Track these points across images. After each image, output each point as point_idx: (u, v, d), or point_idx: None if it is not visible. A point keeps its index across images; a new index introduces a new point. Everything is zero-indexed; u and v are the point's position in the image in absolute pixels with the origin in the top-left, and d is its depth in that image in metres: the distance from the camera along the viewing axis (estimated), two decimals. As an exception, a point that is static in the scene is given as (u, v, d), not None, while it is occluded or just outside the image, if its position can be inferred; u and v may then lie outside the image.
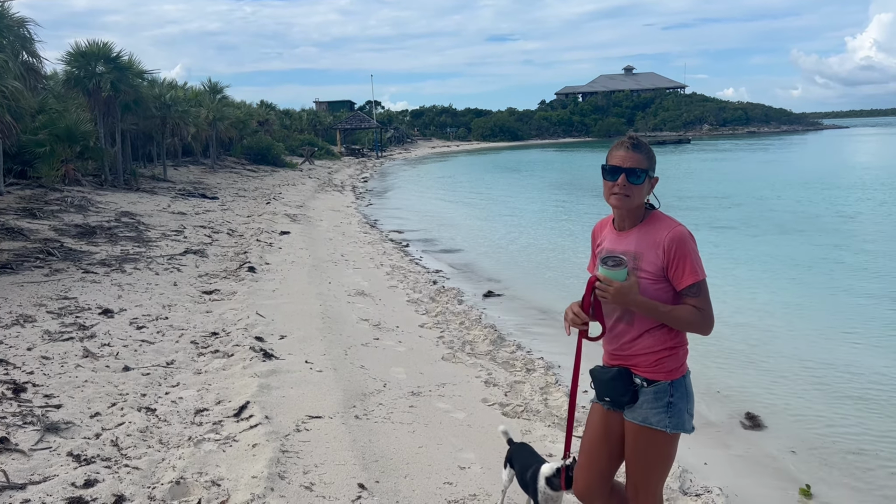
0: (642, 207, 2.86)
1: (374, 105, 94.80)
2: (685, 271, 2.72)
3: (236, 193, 24.50)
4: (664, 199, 3.05)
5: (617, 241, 2.87)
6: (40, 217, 12.99)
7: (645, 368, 2.82)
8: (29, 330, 6.80)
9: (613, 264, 2.73)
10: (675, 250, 2.73)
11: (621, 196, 2.78)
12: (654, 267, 2.76)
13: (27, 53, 15.50)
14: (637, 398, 2.83)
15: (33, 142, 16.80)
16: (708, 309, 2.76)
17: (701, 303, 2.74)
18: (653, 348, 2.80)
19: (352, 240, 15.70)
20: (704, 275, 2.76)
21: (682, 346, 2.85)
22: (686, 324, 2.76)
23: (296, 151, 48.96)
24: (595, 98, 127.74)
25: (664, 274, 2.75)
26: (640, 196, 2.81)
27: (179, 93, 28.45)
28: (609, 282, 2.72)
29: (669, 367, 2.82)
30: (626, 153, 2.80)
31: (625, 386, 2.84)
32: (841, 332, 8.54)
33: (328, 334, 7.42)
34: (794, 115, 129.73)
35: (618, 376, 2.85)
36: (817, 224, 17.47)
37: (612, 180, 2.80)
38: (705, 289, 2.77)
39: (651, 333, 2.80)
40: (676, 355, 2.83)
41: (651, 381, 2.82)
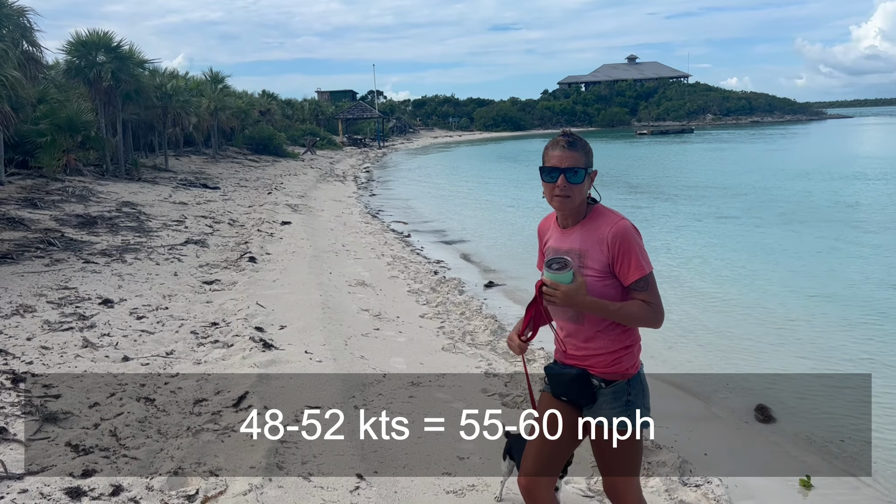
0: (584, 204, 2.81)
1: (376, 95, 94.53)
2: (631, 266, 2.68)
3: (238, 183, 24.47)
4: (668, 188, 3.03)
5: (562, 240, 2.83)
6: (41, 207, 12.98)
7: (602, 369, 2.79)
8: (29, 320, 6.80)
9: (558, 267, 2.67)
10: (619, 245, 2.68)
11: (563, 198, 2.72)
12: (599, 264, 2.71)
13: (27, 43, 15.47)
14: (595, 399, 2.81)
15: (34, 132, 16.79)
16: (657, 302, 2.73)
17: (649, 296, 2.71)
18: (609, 348, 2.77)
19: (353, 230, 15.68)
20: (651, 268, 2.72)
21: (637, 343, 2.84)
22: (636, 319, 2.73)
23: (297, 141, 48.89)
24: (598, 87, 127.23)
25: (610, 270, 2.71)
26: (582, 194, 2.75)
27: (181, 82, 28.35)
28: (555, 285, 2.67)
29: (626, 366, 2.80)
30: (562, 153, 2.73)
31: (583, 388, 2.81)
32: (846, 322, 8.51)
33: (328, 324, 7.40)
34: (798, 105, 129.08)
35: (577, 379, 2.82)
36: (820, 214, 17.40)
37: (551, 181, 2.73)
38: (653, 282, 2.74)
39: (604, 332, 2.77)
40: (632, 353, 2.82)
41: (609, 382, 2.79)
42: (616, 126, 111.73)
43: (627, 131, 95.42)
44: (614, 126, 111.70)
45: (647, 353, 7.44)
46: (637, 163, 39.81)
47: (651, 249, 8.99)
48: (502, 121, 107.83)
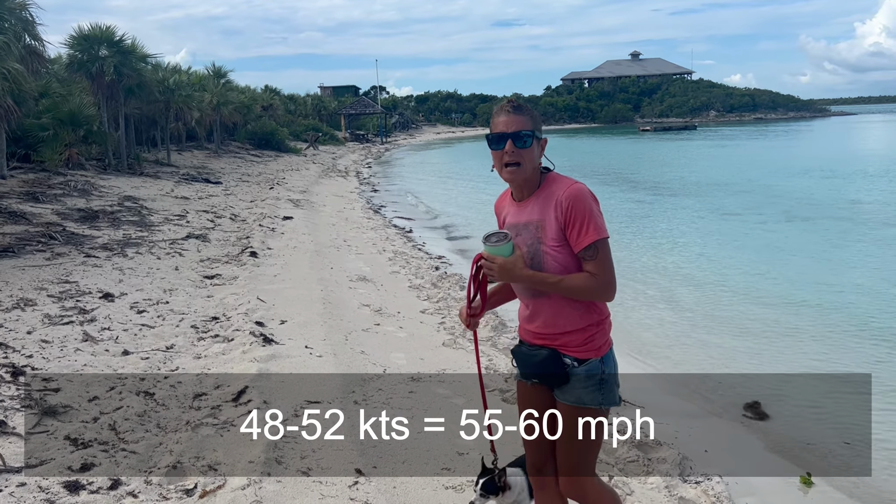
0: (537, 172, 2.69)
1: (378, 90, 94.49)
2: (581, 231, 2.54)
3: (240, 178, 24.46)
4: (670, 185, 2.98)
5: (518, 213, 2.72)
6: (43, 201, 12.98)
7: (574, 348, 2.67)
8: (29, 313, 6.80)
9: (497, 240, 2.64)
10: (570, 208, 2.55)
11: (513, 167, 2.62)
12: (555, 231, 2.59)
13: (30, 36, 15.44)
14: (568, 379, 2.69)
15: (36, 125, 16.79)
16: (605, 274, 2.56)
17: (597, 267, 2.55)
18: (578, 325, 2.64)
19: (354, 225, 15.66)
20: (604, 234, 2.56)
21: (607, 319, 2.72)
22: (580, 292, 2.59)
23: (300, 137, 48.85)
24: (601, 84, 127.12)
25: (565, 236, 2.58)
26: (532, 161, 2.64)
27: (183, 77, 28.37)
28: (493, 258, 2.63)
29: (598, 344, 2.68)
30: (507, 117, 2.63)
31: (556, 368, 2.69)
32: (847, 321, 8.49)
33: (329, 319, 7.39)
34: (802, 102, 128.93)
35: (548, 360, 2.70)
36: (823, 211, 17.34)
37: (498, 149, 2.63)
38: (605, 250, 2.57)
39: (573, 307, 2.63)
40: (604, 329, 2.70)
41: (582, 361, 2.67)
42: (619, 122, 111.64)
43: (630, 128, 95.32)
44: (617, 122, 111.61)
45: (648, 350, 7.41)
46: (640, 159, 39.74)
47: (653, 246, 8.96)
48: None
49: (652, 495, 4.27)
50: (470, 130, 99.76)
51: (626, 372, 6.66)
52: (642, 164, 35.85)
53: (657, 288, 10.18)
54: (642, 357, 7.31)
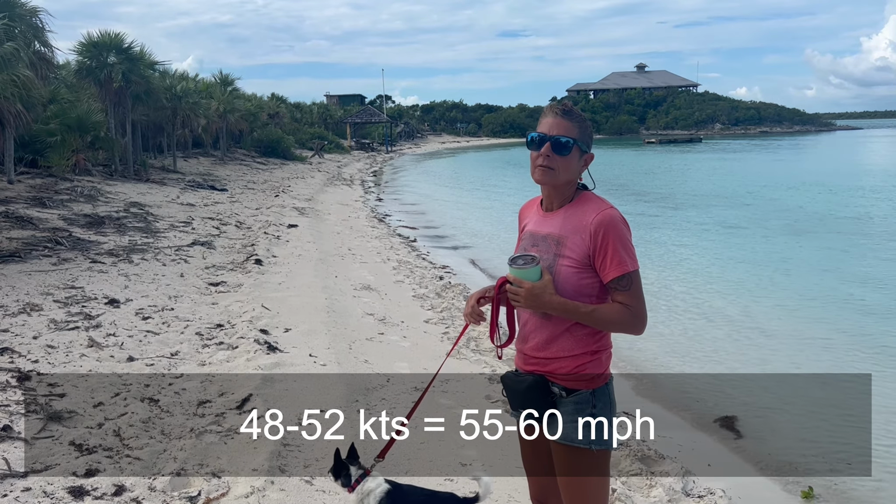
0: (572, 186, 2.52)
1: (384, 99, 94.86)
2: (613, 261, 2.37)
3: (245, 186, 24.54)
4: (674, 197, 2.97)
5: (541, 223, 2.55)
6: (50, 206, 13.04)
7: (563, 376, 2.47)
8: (35, 318, 6.83)
9: (524, 263, 2.44)
10: (603, 236, 2.37)
11: (545, 169, 2.44)
12: (578, 253, 2.41)
13: (39, 43, 15.57)
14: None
15: (44, 131, 16.90)
16: (638, 306, 2.40)
17: (630, 298, 2.39)
18: (572, 351, 2.45)
19: (359, 234, 15.70)
20: (636, 266, 2.41)
21: (606, 350, 2.51)
22: (612, 324, 2.42)
23: (306, 145, 49.01)
24: (607, 96, 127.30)
25: (590, 262, 2.41)
26: (568, 171, 2.46)
27: (190, 84, 28.52)
28: (520, 283, 2.42)
29: (591, 374, 2.46)
30: (553, 119, 2.47)
31: (542, 397, 2.48)
32: (848, 325, 8.50)
33: (333, 328, 7.41)
34: (807, 116, 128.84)
35: (534, 386, 2.49)
36: (827, 225, 17.34)
37: (535, 150, 2.46)
38: (637, 282, 2.41)
39: (571, 333, 2.45)
40: (599, 360, 2.48)
41: (570, 391, 2.46)
42: (624, 134, 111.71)
43: (635, 139, 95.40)
44: (622, 134, 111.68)
45: (648, 358, 7.41)
46: (644, 171, 39.75)
47: (658, 256, 8.94)
48: (510, 127, 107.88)
49: (655, 508, 4.26)
50: (475, 140, 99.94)
51: (626, 373, 6.68)
52: (646, 176, 35.86)
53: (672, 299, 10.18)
54: (641, 365, 7.31)
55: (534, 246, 2.54)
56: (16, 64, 12.73)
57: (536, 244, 2.54)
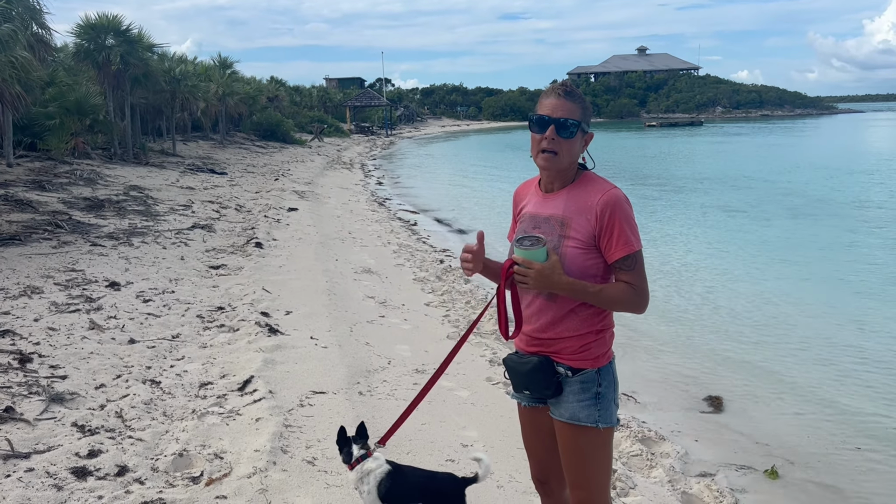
0: (574, 167, 2.50)
1: (384, 83, 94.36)
2: (619, 241, 2.38)
3: (245, 169, 24.47)
4: (673, 180, 2.95)
5: (542, 205, 2.52)
6: (49, 189, 13.01)
7: (569, 356, 2.47)
8: (36, 301, 6.83)
9: (530, 244, 2.38)
10: (609, 216, 2.38)
11: (549, 155, 2.42)
12: (583, 234, 2.41)
13: (37, 25, 15.41)
14: (561, 390, 2.49)
15: (43, 114, 16.79)
16: (642, 285, 2.43)
17: (635, 278, 2.41)
18: (577, 331, 2.45)
19: (359, 217, 15.68)
20: (640, 245, 2.42)
21: (609, 329, 2.53)
22: (618, 304, 2.43)
23: (305, 128, 48.86)
24: (607, 79, 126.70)
25: (595, 242, 2.41)
26: (571, 153, 2.44)
27: (189, 67, 28.35)
28: (528, 264, 2.37)
29: (596, 353, 2.47)
30: (556, 101, 2.42)
31: (546, 378, 2.47)
32: (845, 318, 8.51)
33: (334, 311, 7.41)
34: (809, 99, 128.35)
35: (538, 367, 2.48)
36: (827, 209, 17.31)
37: (539, 133, 2.43)
38: (640, 262, 2.42)
39: (576, 313, 2.44)
40: (603, 339, 2.50)
41: (576, 370, 2.46)
42: (625, 117, 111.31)
43: (636, 123, 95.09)
44: (623, 117, 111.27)
45: (656, 345, 7.40)
46: (645, 154, 39.64)
47: (657, 240, 8.93)
48: (511, 110, 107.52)
49: (655, 489, 4.29)
50: (475, 124, 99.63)
51: (629, 366, 6.69)
52: (647, 160, 35.77)
53: (662, 284, 10.18)
54: (644, 352, 7.33)
55: (535, 228, 2.51)
56: (14, 46, 12.61)
57: (538, 226, 2.50)
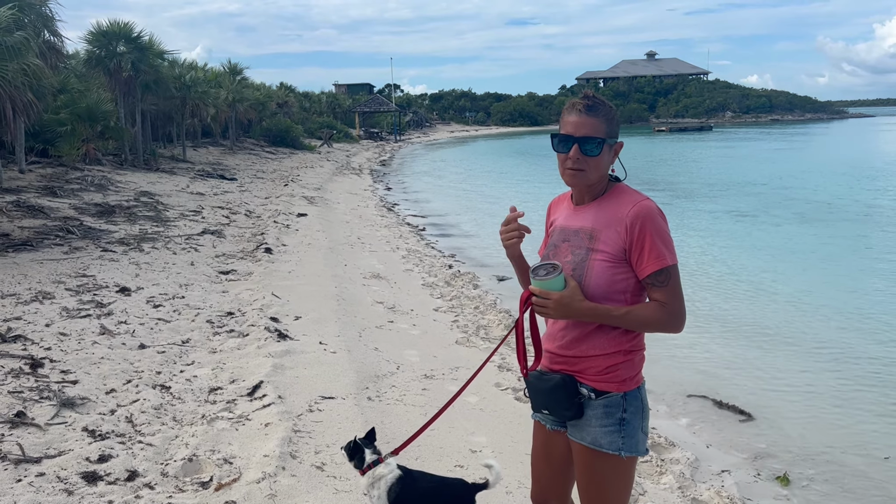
0: (604, 180, 2.40)
1: (393, 88, 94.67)
2: (650, 255, 2.26)
3: (254, 175, 24.56)
4: (688, 185, 2.91)
5: (572, 218, 2.44)
6: (61, 195, 13.10)
7: (593, 376, 2.34)
8: (47, 306, 6.87)
9: (546, 273, 2.32)
10: (640, 228, 2.26)
11: (575, 172, 2.33)
12: (612, 247, 2.30)
13: (49, 32, 15.58)
14: (582, 413, 2.36)
15: (55, 121, 16.94)
16: (675, 303, 2.28)
17: (667, 295, 2.27)
18: (605, 349, 2.33)
19: (368, 223, 15.71)
20: (674, 260, 2.29)
21: (640, 351, 2.39)
22: (649, 325, 2.30)
23: (314, 134, 48.97)
24: (616, 84, 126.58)
25: (625, 256, 2.30)
26: (599, 169, 2.35)
27: (199, 74, 28.50)
28: (546, 294, 2.30)
29: (623, 376, 2.33)
30: (578, 118, 2.33)
31: (568, 398, 2.35)
32: (850, 320, 8.45)
33: (343, 316, 7.42)
34: (819, 103, 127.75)
35: (560, 385, 2.36)
36: (838, 213, 17.22)
37: (563, 152, 2.33)
38: (675, 277, 2.28)
39: (603, 330, 2.33)
40: (632, 362, 2.36)
41: (600, 393, 2.33)
42: (634, 123, 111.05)
43: (646, 128, 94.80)
44: (632, 123, 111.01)
45: (666, 349, 7.35)
46: (654, 159, 39.54)
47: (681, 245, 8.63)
48: (519, 116, 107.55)
49: (665, 496, 4.27)
50: (484, 129, 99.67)
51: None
52: (657, 165, 35.68)
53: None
54: (654, 356, 7.30)
55: (565, 241, 2.43)
56: (26, 53, 12.72)
57: (567, 239, 2.43)
